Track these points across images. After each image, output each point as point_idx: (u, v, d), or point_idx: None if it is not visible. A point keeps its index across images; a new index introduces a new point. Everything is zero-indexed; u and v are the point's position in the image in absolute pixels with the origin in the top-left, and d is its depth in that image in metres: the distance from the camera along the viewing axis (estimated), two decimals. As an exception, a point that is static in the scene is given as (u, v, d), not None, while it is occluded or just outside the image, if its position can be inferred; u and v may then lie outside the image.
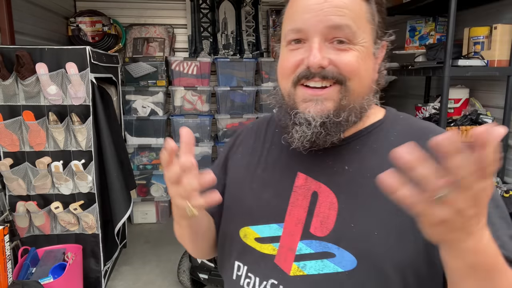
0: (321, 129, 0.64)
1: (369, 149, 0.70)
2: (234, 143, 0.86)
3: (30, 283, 1.92)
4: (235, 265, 0.75)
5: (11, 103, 2.18)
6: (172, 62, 3.44)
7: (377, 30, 0.68)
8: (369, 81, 0.68)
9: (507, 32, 2.02)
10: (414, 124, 0.74)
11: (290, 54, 0.66)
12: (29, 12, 2.75)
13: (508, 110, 2.09)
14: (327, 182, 0.69)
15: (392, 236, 0.62)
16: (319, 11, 0.62)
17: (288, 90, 0.67)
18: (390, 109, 0.77)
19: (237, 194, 0.78)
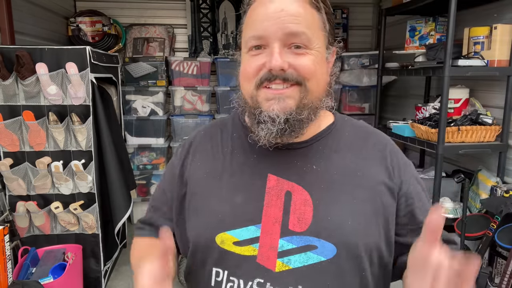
0: (285, 125, 0.70)
1: (330, 149, 0.78)
2: (188, 152, 0.85)
3: (30, 283, 1.92)
4: (212, 272, 0.75)
5: (11, 103, 2.18)
6: (172, 62, 3.44)
7: (328, 37, 0.75)
8: (324, 83, 0.75)
9: (507, 32, 2.02)
10: (357, 124, 0.86)
11: (252, 59, 0.72)
12: (29, 12, 2.75)
13: (508, 110, 2.09)
14: (298, 181, 0.74)
15: (362, 223, 0.72)
16: (278, 19, 0.68)
17: (251, 92, 0.72)
18: (336, 113, 0.86)
19: (204, 202, 0.78)
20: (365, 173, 0.76)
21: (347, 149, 0.79)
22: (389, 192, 0.76)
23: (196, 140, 0.87)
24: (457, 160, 2.64)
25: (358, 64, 3.48)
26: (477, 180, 2.22)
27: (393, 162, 0.79)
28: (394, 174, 0.77)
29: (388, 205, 0.75)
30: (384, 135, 0.85)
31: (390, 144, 0.83)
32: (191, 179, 0.81)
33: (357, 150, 0.79)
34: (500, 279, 1.77)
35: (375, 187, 0.75)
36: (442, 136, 2.04)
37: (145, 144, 3.47)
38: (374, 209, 0.74)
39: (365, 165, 0.77)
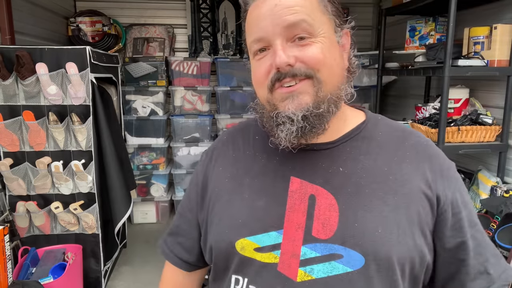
0: (304, 123, 0.65)
1: (360, 150, 0.72)
2: (211, 159, 0.83)
3: (30, 283, 1.92)
4: (232, 279, 0.72)
5: (11, 103, 2.18)
6: (172, 62, 3.44)
7: (334, 20, 0.70)
8: (339, 70, 0.70)
9: (507, 32, 2.02)
10: (392, 124, 0.78)
11: (258, 63, 0.69)
12: (29, 12, 2.75)
13: (508, 110, 2.09)
14: (323, 184, 0.69)
15: (394, 232, 0.65)
16: (273, 15, 0.65)
17: (265, 97, 0.69)
18: (368, 111, 0.80)
19: (226, 207, 0.75)
20: (398, 178, 0.69)
21: (379, 150, 0.72)
22: (427, 200, 0.68)
23: (219, 145, 0.85)
24: (457, 160, 2.64)
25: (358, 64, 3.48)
26: (477, 180, 2.22)
27: (433, 167, 0.71)
28: (435, 181, 0.70)
29: (425, 214, 0.68)
30: (423, 137, 0.77)
31: (431, 146, 0.75)
32: (213, 184, 0.79)
33: (391, 152, 0.72)
34: (500, 279, 1.77)
35: (410, 193, 0.68)
36: (442, 136, 2.04)
37: (145, 144, 3.47)
38: (408, 218, 0.67)
39: (399, 169, 0.70)
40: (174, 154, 3.52)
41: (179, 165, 3.53)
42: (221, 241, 0.73)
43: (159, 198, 3.57)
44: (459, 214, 0.70)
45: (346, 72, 0.72)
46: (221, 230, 0.74)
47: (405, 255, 0.65)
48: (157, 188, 3.57)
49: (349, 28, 0.74)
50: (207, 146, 3.52)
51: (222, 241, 0.73)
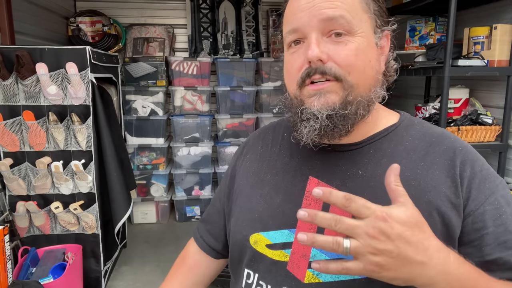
0: (328, 122, 0.63)
1: (383, 153, 0.69)
2: (241, 153, 0.86)
3: (30, 283, 1.92)
4: (244, 273, 0.73)
5: (11, 103, 2.18)
6: (172, 62, 3.44)
7: (375, 19, 0.67)
8: (372, 73, 0.66)
9: (507, 32, 2.02)
10: (429, 129, 0.73)
11: (292, 57, 0.67)
12: (29, 12, 2.75)
13: (508, 110, 2.09)
14: (340, 186, 0.68)
15: None
16: (312, 7, 0.63)
17: (294, 92, 0.67)
18: (405, 114, 0.77)
19: (246, 201, 0.77)
20: (422, 184, 0.65)
21: (405, 154, 0.68)
22: (454, 209, 0.63)
23: (250, 140, 0.87)
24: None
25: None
26: (477, 180, 2.22)
27: (463, 173, 0.65)
28: (462, 188, 0.64)
29: (451, 226, 0.63)
30: (461, 142, 0.70)
31: (467, 151, 0.68)
32: (239, 177, 0.81)
33: (419, 156, 0.68)
34: (500, 279, 1.77)
35: (434, 201, 0.63)
36: (442, 136, 2.04)
37: (145, 144, 3.47)
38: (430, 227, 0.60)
39: (425, 174, 0.66)
40: (174, 154, 3.53)
41: (179, 165, 3.53)
42: (238, 233, 0.75)
43: (159, 198, 3.57)
44: (483, 229, 0.62)
45: (381, 75, 0.69)
46: (239, 223, 0.76)
47: None
48: (157, 188, 3.57)
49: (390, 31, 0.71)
50: (207, 146, 3.53)
51: (239, 233, 0.75)
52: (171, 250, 3.02)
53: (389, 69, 0.73)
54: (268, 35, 3.84)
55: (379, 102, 0.71)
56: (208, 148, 3.55)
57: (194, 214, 3.65)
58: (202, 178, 3.60)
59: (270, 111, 3.55)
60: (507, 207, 0.64)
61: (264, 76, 3.55)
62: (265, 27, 3.86)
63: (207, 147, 3.54)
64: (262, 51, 3.80)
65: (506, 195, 0.65)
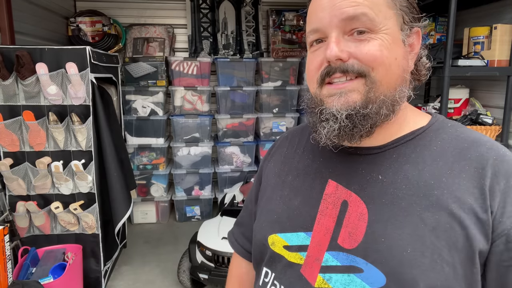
0: (347, 121, 0.61)
1: (407, 158, 0.65)
2: (269, 153, 0.88)
3: (30, 283, 1.92)
4: (263, 271, 0.74)
5: (11, 103, 2.18)
6: (172, 62, 3.44)
7: (402, 15, 0.64)
8: (398, 71, 0.63)
9: (507, 32, 2.02)
10: (462, 134, 0.66)
11: (313, 55, 0.66)
12: (29, 12, 2.75)
13: (508, 110, 2.09)
14: (358, 191, 0.65)
15: (427, 255, 0.57)
16: (333, 6, 0.61)
17: (314, 91, 0.66)
18: (438, 116, 0.71)
19: (267, 202, 0.78)
20: (445, 193, 0.59)
21: (432, 161, 0.63)
22: (480, 224, 0.58)
23: (279, 142, 0.88)
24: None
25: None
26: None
27: (495, 185, 0.59)
28: (493, 201, 0.58)
29: (474, 240, 0.57)
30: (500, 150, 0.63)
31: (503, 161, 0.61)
32: (265, 178, 0.83)
33: (446, 163, 0.62)
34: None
35: (457, 213, 0.58)
36: (442, 136, 2.04)
37: (145, 144, 3.47)
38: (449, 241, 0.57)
39: (451, 183, 0.60)
40: (174, 154, 3.53)
41: (179, 165, 3.53)
42: (258, 234, 0.76)
43: (159, 198, 3.57)
44: None
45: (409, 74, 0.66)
46: (260, 223, 0.77)
47: (437, 284, 0.56)
48: (157, 188, 3.57)
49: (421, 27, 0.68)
50: (207, 146, 3.53)
51: (259, 233, 0.76)
52: (171, 250, 3.02)
53: (420, 68, 0.69)
54: (268, 35, 3.84)
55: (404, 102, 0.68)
56: (208, 148, 3.55)
57: (194, 214, 3.65)
58: (202, 178, 3.60)
59: (270, 111, 3.56)
60: None
61: (264, 76, 3.55)
62: (265, 27, 3.86)
63: (207, 147, 3.54)
64: (262, 51, 3.80)
65: None
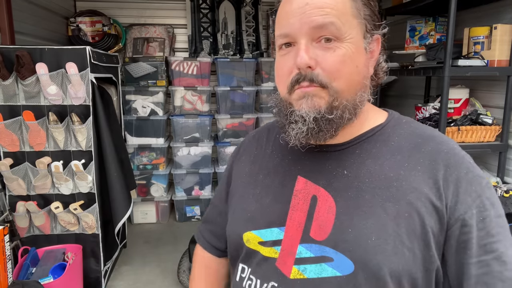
0: (314, 124, 0.65)
1: (369, 154, 0.71)
2: (238, 153, 0.90)
3: (30, 283, 1.92)
4: (239, 267, 0.77)
5: (11, 103, 2.18)
6: (172, 62, 3.44)
7: (366, 24, 0.68)
8: (359, 78, 0.68)
9: (507, 32, 2.02)
10: (417, 129, 0.73)
11: (282, 59, 0.69)
12: (29, 12, 2.75)
13: (508, 110, 2.09)
14: (326, 186, 0.70)
15: (390, 242, 0.63)
16: (303, 14, 0.64)
17: (284, 95, 0.70)
18: (393, 113, 0.77)
19: (239, 201, 0.81)
20: (404, 185, 0.65)
21: (390, 155, 0.69)
22: (434, 211, 0.63)
23: (246, 141, 0.90)
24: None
25: (358, 64, 3.48)
26: (477, 180, 2.22)
27: (448, 176, 0.65)
28: (446, 191, 0.64)
29: (430, 228, 0.63)
30: (448, 143, 0.70)
31: (454, 154, 0.68)
32: (235, 177, 0.86)
33: (404, 157, 0.68)
34: (500, 279, 1.77)
35: (415, 203, 0.64)
36: (442, 136, 2.04)
37: (145, 144, 3.47)
38: (409, 228, 0.63)
39: (408, 176, 0.66)
40: (174, 154, 3.53)
41: (179, 165, 3.53)
42: (233, 232, 0.79)
43: (159, 198, 3.57)
44: (468, 234, 0.63)
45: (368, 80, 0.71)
46: (234, 222, 0.80)
47: (400, 268, 0.62)
48: (157, 188, 3.57)
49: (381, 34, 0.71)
50: (207, 146, 3.53)
51: (234, 232, 0.79)
52: (171, 250, 3.02)
53: (378, 72, 0.74)
54: (268, 35, 3.84)
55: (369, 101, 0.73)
56: (208, 148, 3.55)
57: (194, 214, 3.65)
58: (202, 178, 3.60)
59: (270, 111, 3.55)
60: (491, 209, 0.64)
61: (264, 76, 3.55)
62: (265, 27, 3.86)
63: (207, 147, 3.54)
64: (262, 51, 3.80)
65: (491, 196, 0.65)
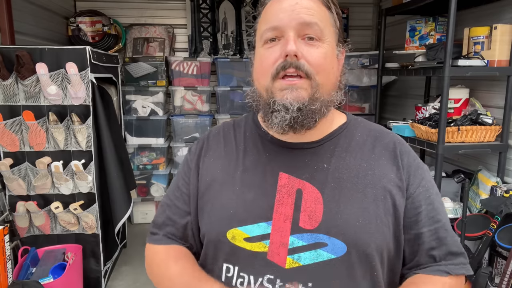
0: (298, 113, 0.71)
1: (342, 148, 0.80)
2: (201, 149, 0.87)
3: (30, 283, 1.92)
4: (223, 268, 0.77)
5: (11, 103, 2.18)
6: (172, 62, 3.44)
7: (338, 35, 0.78)
8: (334, 78, 0.77)
9: (507, 32, 2.02)
10: (370, 125, 0.87)
11: (268, 51, 0.74)
12: (29, 12, 2.75)
13: (508, 110, 2.09)
14: (309, 179, 0.76)
15: (372, 222, 0.73)
16: (292, 11, 0.72)
17: (266, 85, 0.74)
18: (349, 114, 0.88)
19: (217, 198, 0.80)
20: (376, 173, 0.77)
21: (359, 148, 0.80)
22: (400, 192, 0.77)
23: (210, 138, 0.89)
24: (457, 160, 2.64)
25: (358, 64, 3.49)
26: (477, 180, 2.22)
27: (403, 162, 0.79)
28: (404, 175, 0.78)
29: (399, 205, 0.76)
30: (397, 137, 0.85)
31: (402, 144, 0.83)
32: (205, 175, 0.84)
33: (369, 150, 0.80)
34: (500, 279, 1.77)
35: (386, 186, 0.76)
36: (442, 136, 2.04)
37: (145, 144, 3.47)
38: (385, 208, 0.75)
39: (376, 164, 0.78)
40: (174, 154, 3.53)
41: (179, 165, 3.53)
42: (212, 230, 0.79)
43: (159, 198, 3.57)
44: (419, 208, 0.77)
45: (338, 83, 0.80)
46: (213, 220, 0.79)
47: (382, 243, 0.73)
48: (157, 188, 3.57)
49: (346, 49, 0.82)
50: (207, 146, 3.53)
51: (213, 230, 0.78)
52: (171, 250, 3.02)
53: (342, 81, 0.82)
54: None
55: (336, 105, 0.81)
56: (208, 148, 3.54)
57: (194, 214, 3.65)
58: (202, 178, 3.60)
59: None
60: (432, 189, 0.80)
61: (264, 76, 3.55)
62: (265, 27, 3.86)
63: (207, 147, 3.54)
64: (262, 51, 3.80)
65: (431, 178, 0.81)
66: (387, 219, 0.74)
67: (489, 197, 2.03)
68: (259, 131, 0.84)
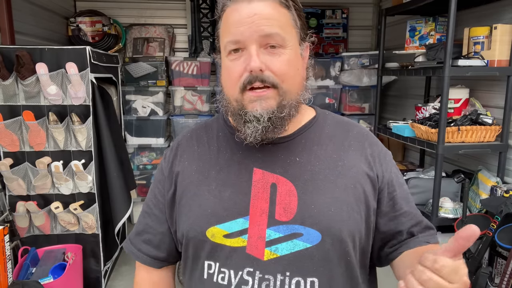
0: (268, 123, 0.74)
1: (312, 141, 0.83)
2: (176, 155, 0.89)
3: (30, 283, 1.92)
4: (205, 265, 0.79)
5: (11, 103, 2.18)
6: (172, 62, 3.44)
7: (300, 33, 0.79)
8: (299, 80, 0.80)
9: (507, 32, 2.02)
10: (337, 118, 0.91)
11: (233, 64, 0.76)
12: (29, 12, 2.75)
13: (508, 110, 2.09)
14: (283, 173, 0.79)
15: (344, 209, 0.77)
16: (252, 23, 0.72)
17: (236, 96, 0.76)
18: (317, 108, 0.91)
19: (194, 198, 0.81)
20: (346, 164, 0.81)
21: (329, 141, 0.84)
22: (370, 181, 0.81)
23: (183, 141, 0.91)
24: (457, 160, 2.64)
25: (358, 64, 3.48)
26: (477, 180, 2.22)
27: (373, 153, 0.84)
28: (375, 164, 0.82)
29: (369, 193, 0.80)
30: (364, 128, 0.90)
31: (370, 136, 0.88)
32: (180, 177, 0.85)
33: (338, 142, 0.84)
34: (500, 279, 1.77)
35: (356, 176, 0.80)
36: (442, 136, 2.04)
37: (145, 144, 3.47)
38: (355, 196, 0.78)
39: (346, 156, 0.82)
40: (174, 154, 3.52)
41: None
42: (192, 230, 0.80)
43: (159, 198, 3.56)
44: (394, 192, 0.83)
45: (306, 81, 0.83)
46: (192, 220, 0.80)
47: (353, 229, 0.77)
48: (157, 188, 3.57)
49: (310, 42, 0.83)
50: (207, 146, 3.53)
51: (193, 230, 0.80)
52: (171, 250, 3.02)
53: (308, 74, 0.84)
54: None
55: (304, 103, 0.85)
56: (208, 148, 3.55)
57: (194, 214, 3.65)
58: (202, 178, 3.60)
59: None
60: (399, 173, 0.87)
61: (264, 76, 3.55)
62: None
63: (207, 147, 3.54)
64: (262, 51, 3.80)
65: (395, 164, 0.88)
66: (358, 206, 0.78)
67: (489, 197, 2.03)
68: (231, 130, 0.86)
